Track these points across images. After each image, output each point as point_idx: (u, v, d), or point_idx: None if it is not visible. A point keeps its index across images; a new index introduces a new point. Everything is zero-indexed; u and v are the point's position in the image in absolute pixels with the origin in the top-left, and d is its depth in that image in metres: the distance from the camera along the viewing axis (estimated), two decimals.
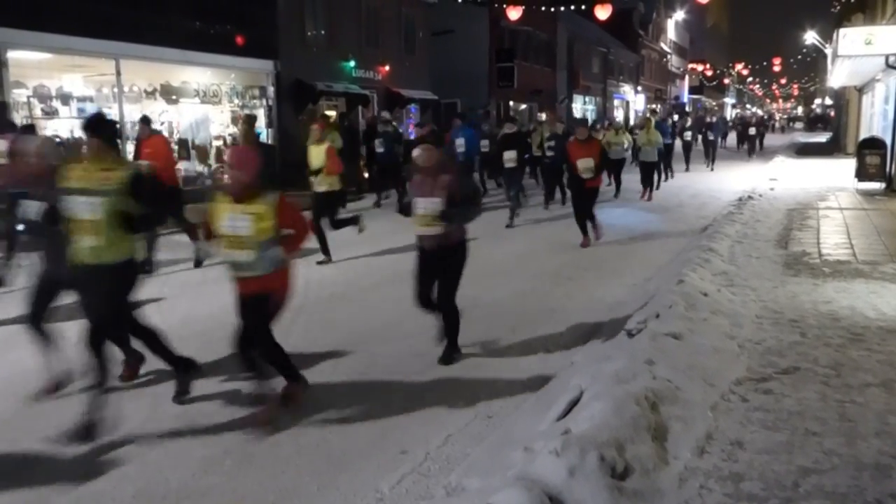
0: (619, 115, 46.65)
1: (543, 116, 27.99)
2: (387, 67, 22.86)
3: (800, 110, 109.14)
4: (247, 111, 17.24)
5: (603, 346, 5.44)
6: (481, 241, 8.67)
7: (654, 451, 3.55)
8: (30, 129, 9.48)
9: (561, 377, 4.86)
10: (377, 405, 4.69)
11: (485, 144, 15.92)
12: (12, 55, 12.27)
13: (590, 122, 25.51)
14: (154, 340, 4.81)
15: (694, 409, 4.07)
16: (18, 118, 12.49)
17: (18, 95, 12.70)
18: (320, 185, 9.07)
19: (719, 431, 3.86)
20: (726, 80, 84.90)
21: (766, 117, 62.30)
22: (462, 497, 3.33)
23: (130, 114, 14.61)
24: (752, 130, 30.08)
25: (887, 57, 15.10)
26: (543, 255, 9.66)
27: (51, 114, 13.25)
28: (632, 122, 33.50)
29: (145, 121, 9.91)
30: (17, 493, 3.67)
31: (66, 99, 13.60)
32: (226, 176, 4.35)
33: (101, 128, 4.47)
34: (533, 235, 11.19)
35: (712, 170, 22.64)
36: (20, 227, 4.87)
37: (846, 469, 3.43)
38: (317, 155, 9.07)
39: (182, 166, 15.66)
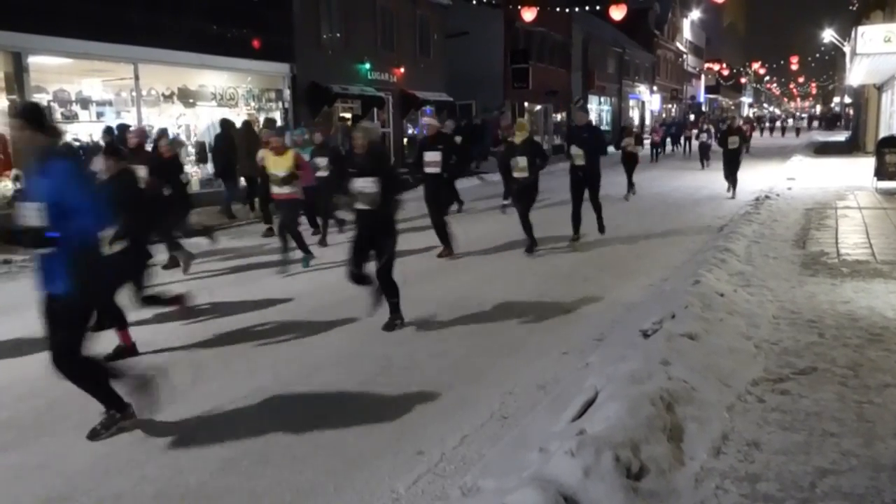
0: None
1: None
2: (402, 69, 22.94)
3: (818, 109, 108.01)
4: (264, 114, 17.37)
5: (618, 346, 5.43)
6: (493, 243, 8.70)
7: (670, 451, 3.55)
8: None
9: (576, 378, 4.86)
10: (393, 406, 4.71)
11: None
12: (33, 60, 12.46)
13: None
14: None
15: (710, 409, 4.06)
16: None
17: (39, 100, 12.87)
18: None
19: (735, 432, 3.85)
20: (743, 80, 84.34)
21: (758, 120, 58.81)
22: (478, 497, 3.34)
23: (148, 117, 14.79)
24: (734, 141, 15.77)
25: None
26: (558, 256, 9.65)
27: (70, 118, 13.43)
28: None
29: None
30: (37, 492, 3.73)
31: (85, 103, 13.79)
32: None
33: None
34: (546, 237, 11.18)
35: (575, 237, 10.34)
36: None
37: (864, 470, 3.41)
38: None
39: (199, 169, 15.85)
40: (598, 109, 43.08)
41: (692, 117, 46.69)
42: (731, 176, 15.96)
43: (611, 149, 18.54)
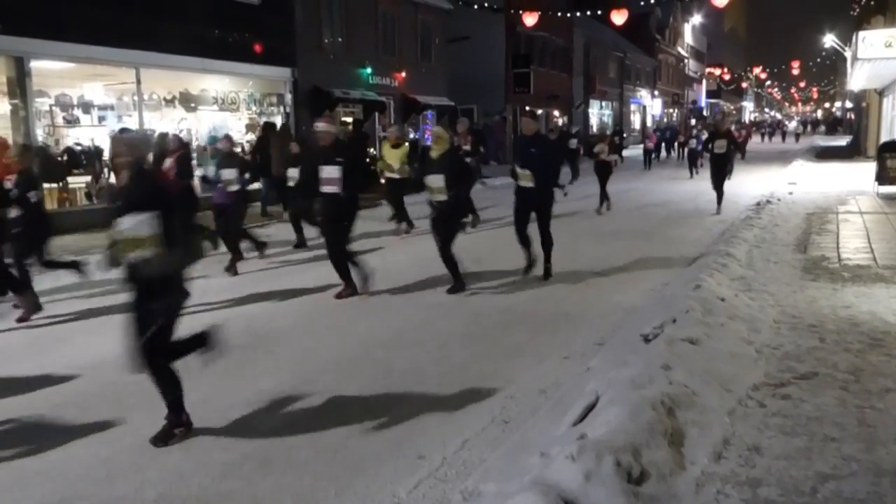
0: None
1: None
2: (403, 74, 22.97)
3: (819, 113, 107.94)
4: (265, 118, 17.40)
5: (619, 351, 5.43)
6: (495, 245, 8.69)
7: (671, 456, 3.54)
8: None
9: (577, 382, 4.86)
10: (394, 411, 4.71)
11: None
12: (35, 65, 12.49)
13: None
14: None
15: (711, 414, 4.06)
16: (41, 127, 12.72)
17: (41, 104, 12.92)
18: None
19: (736, 437, 3.85)
20: (744, 84, 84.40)
21: (758, 124, 57.30)
22: (479, 502, 3.35)
23: (150, 122, 14.82)
24: (721, 146, 13.99)
25: None
26: (559, 260, 9.64)
27: (72, 122, 13.47)
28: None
29: None
30: (38, 497, 3.73)
31: (87, 107, 13.82)
32: None
33: None
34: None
35: (529, 265, 8.60)
36: None
37: (865, 475, 3.41)
38: None
39: (199, 173, 15.85)
40: (599, 114, 43.18)
41: (693, 122, 46.69)
42: (716, 187, 14.15)
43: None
